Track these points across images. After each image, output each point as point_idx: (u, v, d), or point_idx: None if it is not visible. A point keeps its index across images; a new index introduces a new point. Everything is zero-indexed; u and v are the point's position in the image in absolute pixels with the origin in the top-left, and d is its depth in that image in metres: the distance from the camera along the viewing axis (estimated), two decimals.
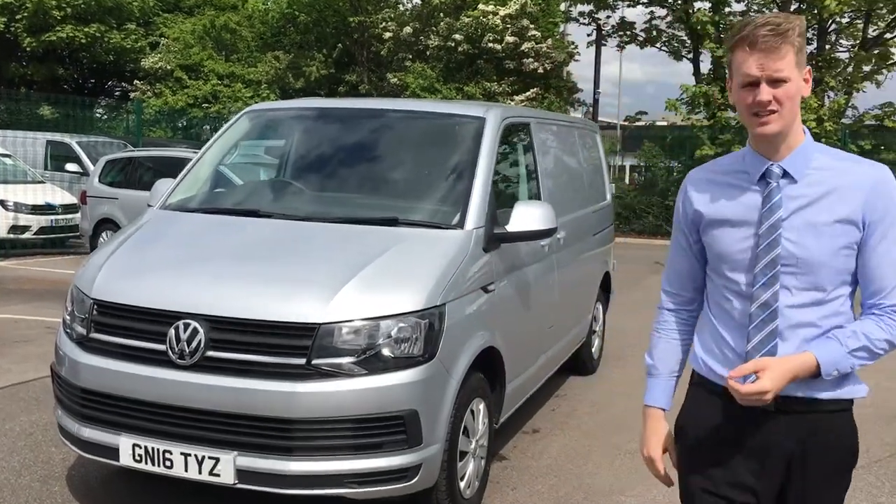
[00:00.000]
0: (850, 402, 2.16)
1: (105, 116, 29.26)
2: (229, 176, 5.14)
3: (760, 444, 2.13)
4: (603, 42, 24.46)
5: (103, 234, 12.82)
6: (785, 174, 2.10)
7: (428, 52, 23.77)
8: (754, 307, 2.10)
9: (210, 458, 3.47)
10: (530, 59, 22.72)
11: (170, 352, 3.55)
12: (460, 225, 4.13)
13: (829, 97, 20.87)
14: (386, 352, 3.51)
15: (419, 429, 3.54)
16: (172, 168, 12.82)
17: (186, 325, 3.54)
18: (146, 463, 3.57)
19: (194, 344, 3.51)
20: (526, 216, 4.26)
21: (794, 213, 2.08)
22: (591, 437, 5.40)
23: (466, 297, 3.92)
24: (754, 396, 1.99)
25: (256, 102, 25.89)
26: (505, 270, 4.41)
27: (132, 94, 27.82)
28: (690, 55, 23.55)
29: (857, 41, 21.18)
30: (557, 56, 23.22)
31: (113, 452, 3.65)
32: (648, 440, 2.33)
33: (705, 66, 22.73)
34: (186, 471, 3.50)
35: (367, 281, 3.63)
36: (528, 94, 22.35)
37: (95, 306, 3.81)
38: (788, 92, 2.04)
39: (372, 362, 3.48)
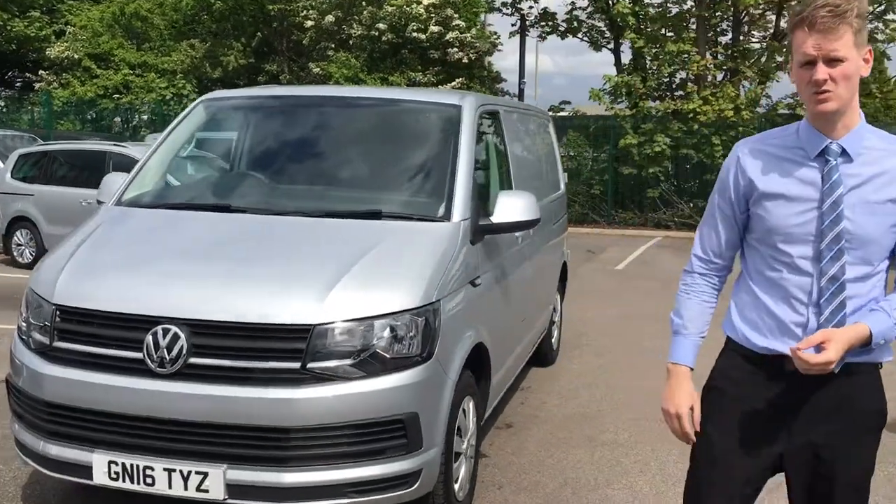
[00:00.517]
0: (879, 364, 2.27)
1: (6, 108, 27.77)
2: (187, 169, 4.83)
3: (797, 408, 2.24)
4: (525, 32, 24.54)
5: (17, 234, 12.13)
6: (843, 152, 2.18)
7: (351, 42, 23.36)
8: (824, 281, 2.18)
9: (197, 472, 3.22)
10: (455, 49, 22.59)
11: (148, 360, 3.28)
12: (447, 217, 3.96)
13: (744, 87, 21.48)
14: (383, 353, 3.32)
15: (419, 432, 3.37)
16: (93, 162, 12.29)
17: (166, 331, 3.27)
18: (124, 481, 3.30)
19: (175, 351, 3.25)
20: (510, 207, 4.13)
21: (851, 191, 2.16)
22: (564, 429, 5.32)
23: (457, 293, 3.76)
24: (820, 367, 2.09)
25: (172, 93, 25.28)
26: (488, 263, 4.27)
27: (36, 85, 26.51)
28: (611, 46, 23.91)
29: (770, 33, 21.83)
30: (482, 46, 23.17)
31: (85, 471, 3.36)
32: (678, 397, 2.35)
33: (625, 57, 23.14)
34: (170, 488, 3.25)
35: (359, 278, 3.44)
36: (453, 83, 22.20)
37: (58, 312, 3.49)
38: (845, 71, 2.10)
39: (369, 364, 3.30)
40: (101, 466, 3.32)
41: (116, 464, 3.30)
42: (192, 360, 3.26)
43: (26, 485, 4.20)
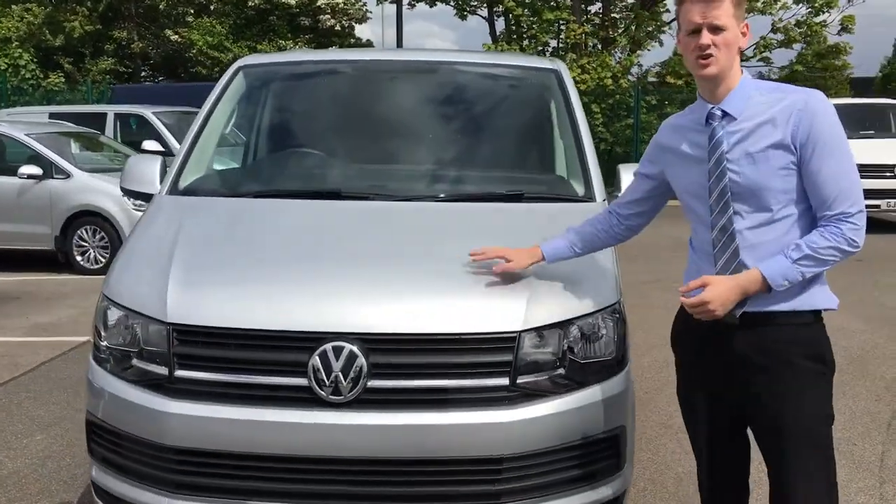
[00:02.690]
0: (812, 313, 2.39)
1: None
2: (239, 152, 4.05)
3: (727, 355, 2.41)
4: (391, 0, 23.85)
5: None
6: (724, 114, 2.40)
7: (212, 7, 21.87)
8: (715, 233, 2.41)
9: None
10: (327, 16, 21.64)
11: (316, 386, 2.63)
12: (589, 197, 3.51)
13: (615, 55, 21.95)
14: (588, 360, 2.85)
15: (625, 448, 2.94)
16: None
17: (337, 350, 2.63)
18: None
19: (353, 373, 2.62)
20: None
21: (735, 146, 2.38)
22: (661, 425, 4.95)
23: None
24: (699, 308, 2.34)
25: (7, 63, 22.69)
26: None
27: None
28: (478, 13, 23.72)
29: (638, 2, 22.35)
30: (355, 13, 22.34)
31: None
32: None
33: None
34: None
35: (547, 275, 2.92)
36: None
37: (176, 334, 2.75)
38: (726, 39, 2.35)
39: (577, 374, 2.81)
40: None
41: None
42: (372, 383, 2.65)
43: None
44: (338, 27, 22.11)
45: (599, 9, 22.72)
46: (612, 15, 22.34)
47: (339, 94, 4.07)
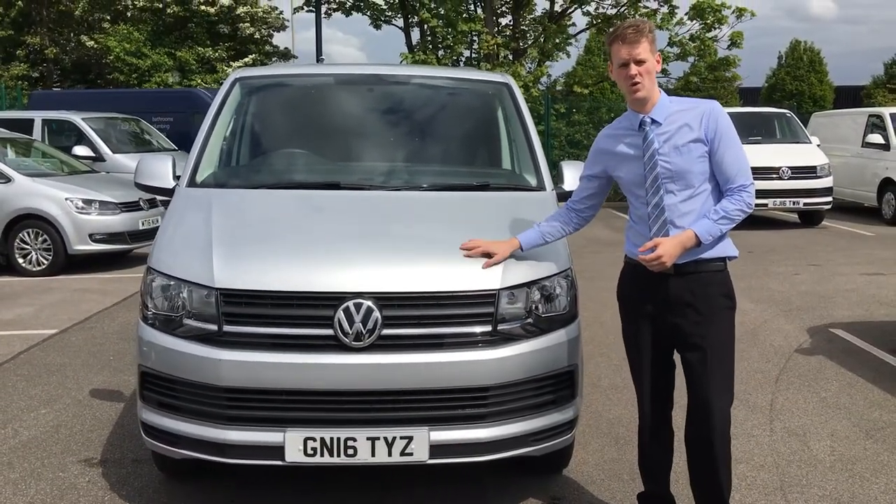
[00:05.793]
0: (724, 262, 3.34)
1: None
2: (243, 151, 4.68)
3: (664, 296, 3.28)
4: (308, 9, 24.32)
5: None
6: (653, 121, 3.28)
7: (129, 14, 21.91)
8: (650, 208, 3.29)
9: (402, 438, 3.36)
10: (246, 24, 21.99)
11: (341, 335, 3.34)
12: (541, 187, 4.31)
13: (528, 66, 23.00)
14: (550, 312, 3.64)
15: (578, 382, 3.74)
16: None
17: (358, 306, 3.35)
18: (322, 455, 3.34)
19: (370, 324, 3.35)
20: (575, 176, 4.54)
21: (664, 143, 3.26)
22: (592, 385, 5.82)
23: None
24: (655, 262, 3.20)
25: None
26: None
27: None
28: (394, 23, 24.45)
29: (546, 14, 23.47)
30: (274, 22, 22.75)
31: (275, 452, 3.36)
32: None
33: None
34: (374, 455, 3.35)
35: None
36: (245, 60, 21.66)
37: (222, 297, 3.40)
38: (647, 68, 3.24)
39: (542, 322, 3.59)
40: (296, 444, 3.33)
41: (314, 440, 3.33)
42: (385, 331, 3.37)
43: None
44: (257, 35, 22.48)
45: (510, 21, 23.76)
46: (522, 27, 23.40)
47: (328, 101, 4.78)
